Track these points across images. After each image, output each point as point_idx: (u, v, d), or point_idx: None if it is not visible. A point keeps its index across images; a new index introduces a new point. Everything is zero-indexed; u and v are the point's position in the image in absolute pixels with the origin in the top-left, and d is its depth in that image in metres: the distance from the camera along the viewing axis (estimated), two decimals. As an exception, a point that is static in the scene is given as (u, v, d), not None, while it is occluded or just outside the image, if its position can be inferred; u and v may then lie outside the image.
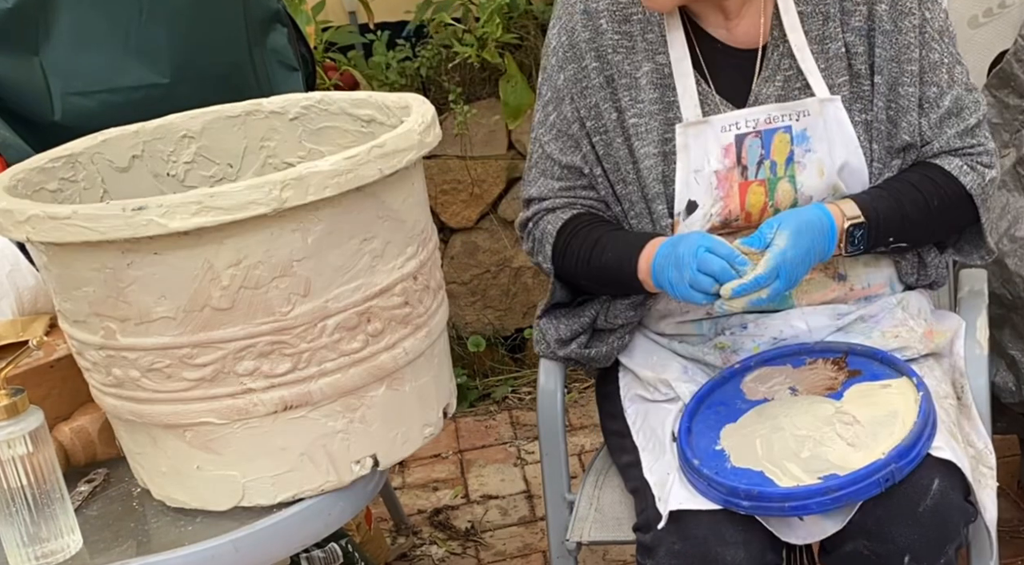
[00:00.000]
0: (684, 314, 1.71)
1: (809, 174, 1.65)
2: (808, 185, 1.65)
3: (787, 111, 1.64)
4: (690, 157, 1.65)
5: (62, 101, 2.02)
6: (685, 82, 1.66)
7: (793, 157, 1.65)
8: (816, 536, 1.49)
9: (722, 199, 1.65)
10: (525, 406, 3.17)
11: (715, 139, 1.65)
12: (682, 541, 1.49)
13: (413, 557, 2.62)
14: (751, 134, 1.65)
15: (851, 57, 1.67)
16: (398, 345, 1.37)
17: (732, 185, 1.65)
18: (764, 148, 1.65)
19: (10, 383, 1.29)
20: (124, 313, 1.25)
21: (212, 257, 1.21)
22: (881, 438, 1.48)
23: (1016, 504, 2.46)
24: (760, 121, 1.65)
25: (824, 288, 1.70)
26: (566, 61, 1.72)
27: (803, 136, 1.65)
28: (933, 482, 1.47)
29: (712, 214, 1.65)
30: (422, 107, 1.42)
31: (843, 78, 1.66)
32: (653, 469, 1.61)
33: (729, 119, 1.65)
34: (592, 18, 1.70)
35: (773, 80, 1.68)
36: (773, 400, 1.61)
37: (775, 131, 1.65)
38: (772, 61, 1.68)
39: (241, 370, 1.27)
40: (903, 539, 1.47)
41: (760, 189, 1.66)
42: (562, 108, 1.73)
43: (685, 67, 1.67)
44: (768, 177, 1.65)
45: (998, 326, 2.05)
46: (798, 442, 1.51)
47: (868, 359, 1.64)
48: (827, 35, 1.66)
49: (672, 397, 1.70)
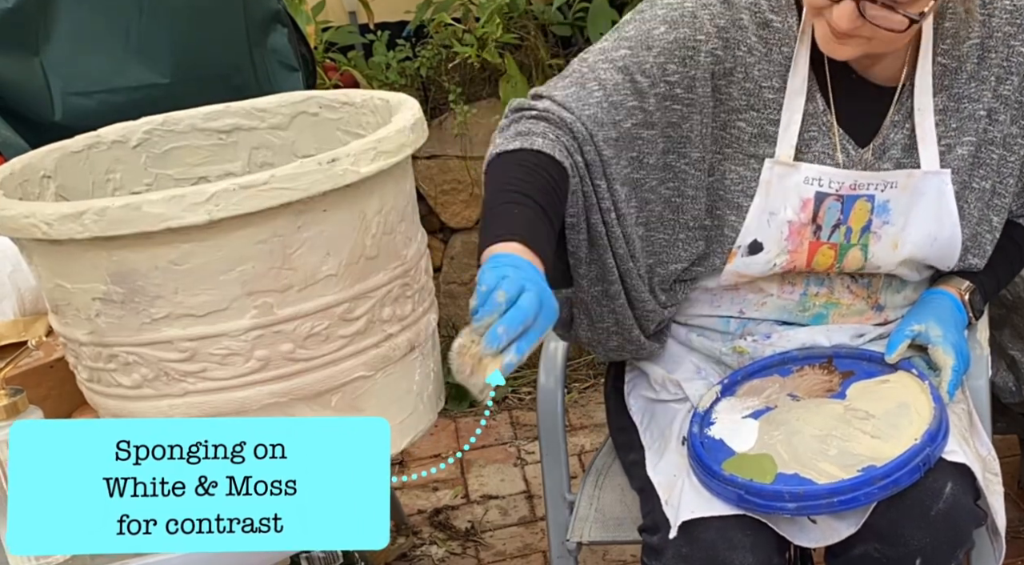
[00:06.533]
0: (716, 306, 1.69)
1: (883, 246, 1.61)
2: (879, 256, 1.62)
3: (875, 180, 1.58)
4: (769, 196, 1.58)
5: (62, 101, 2.03)
6: (792, 115, 1.56)
7: (870, 227, 1.60)
8: (829, 539, 1.49)
9: (789, 252, 1.60)
10: (525, 406, 3.17)
11: (795, 188, 1.58)
12: (690, 545, 1.49)
13: (413, 557, 2.62)
14: (832, 196, 1.59)
15: (990, 122, 1.60)
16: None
17: (803, 242, 1.60)
18: (843, 213, 1.59)
19: (10, 383, 1.29)
20: (287, 282, 1.25)
21: (364, 206, 1.26)
22: (902, 427, 1.49)
23: (1017, 505, 2.46)
24: (845, 185, 1.58)
25: (861, 314, 1.70)
26: (680, 23, 1.53)
27: (884, 208, 1.60)
28: (946, 485, 1.47)
29: (776, 263, 1.61)
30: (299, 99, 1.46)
31: (969, 139, 1.60)
32: (658, 468, 1.61)
33: (815, 172, 1.57)
34: (733, 8, 1.55)
35: (902, 127, 1.60)
36: (777, 408, 1.60)
37: (857, 198, 1.59)
38: (905, 106, 1.59)
39: (385, 316, 1.31)
40: (916, 542, 1.47)
41: (830, 252, 1.61)
42: (642, 55, 1.52)
43: (799, 98, 1.56)
44: (841, 242, 1.61)
45: (998, 326, 2.05)
46: (821, 442, 1.51)
47: (855, 360, 1.65)
48: (968, 94, 1.59)
49: (681, 397, 1.69)
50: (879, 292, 1.68)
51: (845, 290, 1.67)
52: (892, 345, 1.62)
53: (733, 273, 1.62)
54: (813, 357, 1.67)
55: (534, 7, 3.23)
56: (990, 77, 1.59)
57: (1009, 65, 1.59)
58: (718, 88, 1.55)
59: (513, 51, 3.20)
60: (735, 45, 1.54)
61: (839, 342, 1.68)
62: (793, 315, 1.68)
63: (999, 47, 1.58)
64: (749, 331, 1.69)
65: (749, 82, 1.56)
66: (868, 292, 1.68)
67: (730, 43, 1.54)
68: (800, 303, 1.67)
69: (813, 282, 1.66)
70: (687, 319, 1.72)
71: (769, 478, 1.47)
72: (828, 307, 1.68)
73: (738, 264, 1.61)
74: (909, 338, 1.62)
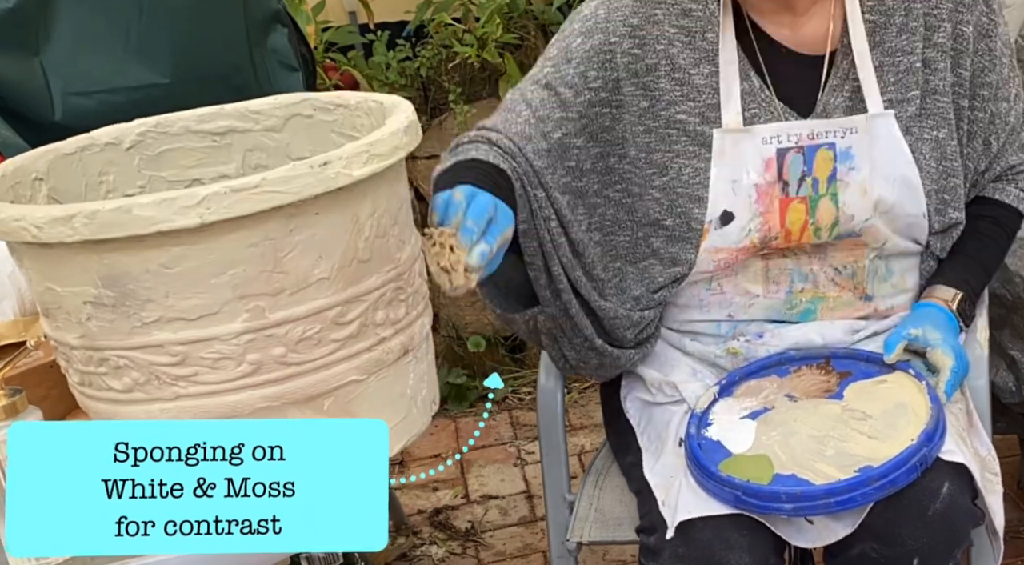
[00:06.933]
0: (705, 312, 1.70)
1: (852, 193, 1.61)
2: (850, 204, 1.62)
3: (832, 127, 1.60)
4: (727, 164, 1.60)
5: (62, 101, 2.03)
6: (730, 86, 1.59)
7: (836, 175, 1.61)
8: (826, 539, 1.49)
9: (761, 214, 1.60)
10: (525, 406, 3.17)
11: (755, 151, 1.59)
12: (686, 545, 1.49)
13: (413, 557, 2.62)
14: (793, 149, 1.60)
15: (930, 73, 1.62)
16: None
17: (772, 201, 1.61)
18: (806, 165, 1.60)
19: (9, 383, 1.29)
20: (279, 285, 1.24)
21: (357, 209, 1.25)
22: (900, 427, 1.49)
23: (1016, 505, 2.46)
24: (803, 136, 1.59)
25: (850, 306, 1.69)
26: (594, 31, 1.60)
27: (847, 154, 1.61)
28: (943, 485, 1.47)
29: (751, 229, 1.61)
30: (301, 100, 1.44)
31: (914, 92, 1.61)
32: (655, 469, 1.61)
33: (771, 131, 1.59)
34: (647, 4, 1.60)
35: (841, 90, 1.62)
36: (775, 408, 1.60)
37: (818, 148, 1.60)
38: (840, 70, 1.62)
39: (378, 319, 1.30)
40: (913, 542, 1.47)
41: (801, 207, 1.61)
42: (563, 68, 1.60)
43: (732, 71, 1.59)
44: (809, 195, 1.61)
45: (998, 326, 2.05)
46: (818, 442, 1.51)
47: (852, 360, 1.65)
48: (900, 47, 1.61)
49: (677, 399, 1.69)
50: (865, 282, 1.68)
51: (830, 283, 1.67)
52: (890, 345, 1.62)
53: (709, 251, 1.62)
54: (810, 357, 1.67)
55: (534, 7, 3.23)
56: (919, 27, 1.61)
57: (938, 12, 1.62)
58: (646, 86, 1.60)
59: (513, 51, 3.20)
60: (653, 40, 1.59)
61: (833, 339, 1.68)
62: (781, 313, 1.68)
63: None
64: (741, 332, 1.69)
65: (678, 72, 1.60)
66: (854, 282, 1.68)
67: (647, 40, 1.59)
68: (787, 301, 1.67)
69: (797, 277, 1.67)
70: (679, 325, 1.73)
71: (766, 479, 1.47)
72: (815, 302, 1.68)
73: (713, 239, 1.61)
74: (906, 339, 1.62)
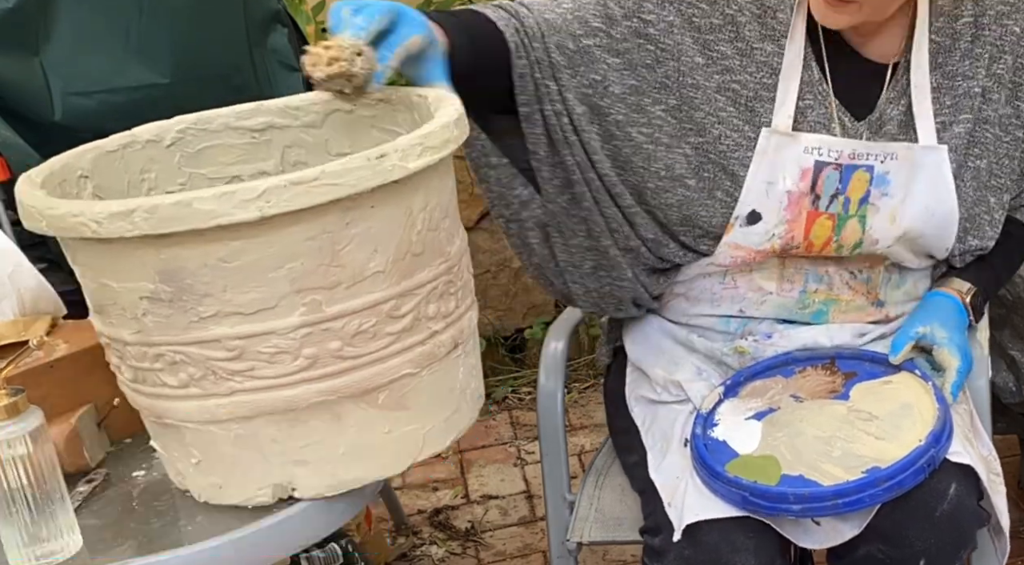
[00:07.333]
0: (716, 306, 1.69)
1: (881, 218, 1.60)
2: (877, 228, 1.61)
3: (874, 150, 1.58)
4: (766, 166, 1.58)
5: (62, 101, 2.03)
6: (789, 83, 1.57)
7: (868, 198, 1.60)
8: (833, 541, 1.49)
9: (788, 222, 1.59)
10: (525, 406, 3.17)
11: (795, 158, 1.58)
12: (692, 547, 1.49)
13: (413, 557, 2.62)
14: (831, 165, 1.58)
15: (983, 102, 1.61)
16: None
17: (801, 211, 1.59)
18: (841, 183, 1.59)
19: (10, 383, 1.29)
20: (336, 278, 1.24)
21: (410, 202, 1.26)
22: (906, 428, 1.49)
23: (1016, 505, 2.46)
24: (844, 154, 1.58)
25: (862, 311, 1.69)
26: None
27: (883, 179, 1.59)
28: (950, 486, 1.47)
29: (775, 234, 1.60)
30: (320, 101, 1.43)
31: (966, 117, 1.60)
32: (660, 469, 1.61)
33: (814, 142, 1.57)
34: None
35: (898, 103, 1.60)
36: (780, 409, 1.60)
37: (856, 168, 1.59)
38: (900, 83, 1.60)
39: (431, 313, 1.31)
40: (920, 543, 1.47)
41: (828, 223, 1.61)
42: (611, 8, 1.55)
43: (796, 65, 1.57)
44: (839, 212, 1.60)
45: (998, 326, 2.05)
46: (825, 443, 1.51)
47: (857, 360, 1.65)
48: (962, 72, 1.60)
49: (682, 399, 1.68)
50: (879, 287, 1.68)
51: (844, 286, 1.67)
52: (896, 346, 1.62)
53: (729, 245, 1.61)
54: (816, 358, 1.66)
55: (534, 7, 3.22)
56: (984, 55, 1.60)
57: (1002, 44, 1.61)
58: (706, 43, 1.56)
59: (513, 51, 3.20)
60: (724, 2, 1.56)
61: (840, 342, 1.68)
62: (793, 313, 1.68)
63: (992, 25, 1.60)
64: (750, 330, 1.69)
65: (740, 41, 1.57)
66: (867, 287, 1.68)
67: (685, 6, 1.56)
68: (800, 300, 1.67)
69: (812, 278, 1.66)
70: (688, 320, 1.72)
71: (774, 480, 1.47)
72: (828, 304, 1.68)
73: (736, 235, 1.60)
74: (913, 340, 1.62)
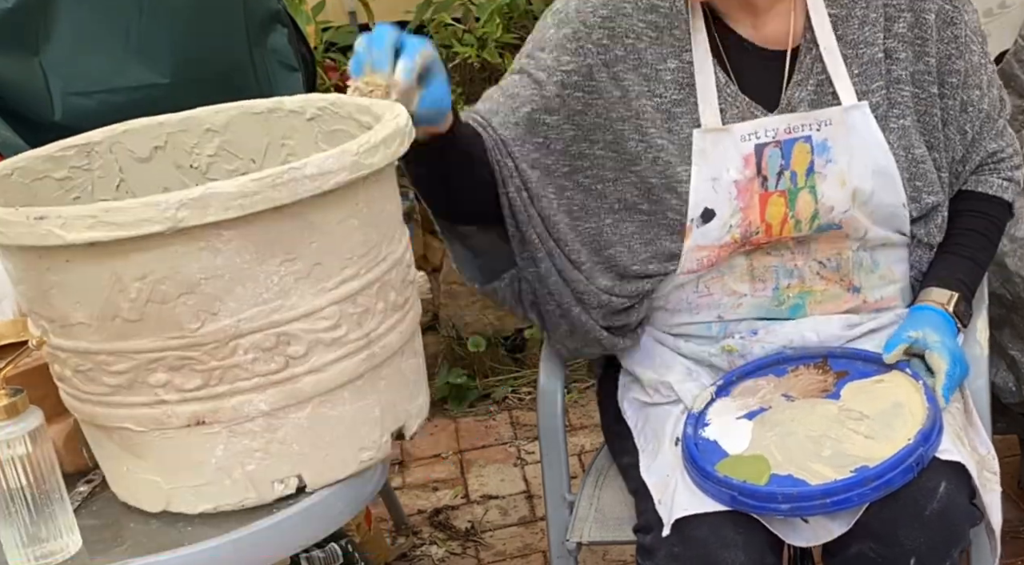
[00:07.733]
0: (694, 314, 1.70)
1: (830, 184, 1.62)
2: (829, 195, 1.63)
3: (808, 121, 1.61)
4: (708, 164, 1.61)
5: (62, 101, 2.03)
6: (706, 85, 1.61)
7: (813, 168, 1.62)
8: (822, 538, 1.49)
9: (742, 210, 1.62)
10: (525, 406, 3.17)
11: (735, 148, 1.61)
12: (682, 544, 1.49)
13: (413, 557, 2.62)
14: (771, 144, 1.61)
15: (891, 63, 1.64)
16: (326, 369, 1.29)
17: (752, 196, 1.62)
18: (784, 158, 1.62)
19: (10, 383, 1.28)
20: (50, 314, 1.26)
21: (119, 269, 1.20)
22: (896, 427, 1.49)
23: (1016, 505, 2.46)
24: (780, 131, 1.61)
25: (838, 299, 1.69)
26: (566, 22, 1.62)
27: (824, 146, 1.62)
28: (940, 485, 1.47)
29: (731, 225, 1.62)
30: (388, 123, 1.31)
31: (878, 83, 1.63)
32: (651, 469, 1.61)
33: (748, 128, 1.61)
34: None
35: (805, 85, 1.63)
36: (772, 408, 1.60)
37: (795, 141, 1.62)
38: (804, 65, 1.64)
39: (153, 381, 1.25)
40: (910, 542, 1.47)
41: (780, 200, 1.63)
42: (537, 55, 1.63)
43: (707, 69, 1.61)
44: (788, 188, 1.62)
45: (998, 326, 2.05)
46: (815, 442, 1.51)
47: (850, 360, 1.65)
48: (863, 39, 1.63)
49: (674, 399, 1.69)
50: (851, 273, 1.69)
51: (816, 276, 1.68)
52: (890, 346, 1.62)
53: (692, 249, 1.63)
54: (808, 357, 1.67)
55: (534, 7, 3.23)
56: (879, 18, 1.63)
57: (898, 3, 1.64)
58: (616, 76, 1.62)
59: (513, 51, 3.19)
60: (622, 33, 1.61)
61: (828, 335, 1.68)
62: (771, 311, 1.69)
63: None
64: (733, 330, 1.70)
65: (644, 67, 1.62)
66: (839, 275, 1.68)
67: (616, 31, 1.61)
68: (774, 298, 1.68)
69: (783, 274, 1.67)
70: (670, 329, 1.73)
71: (763, 479, 1.47)
72: (803, 296, 1.68)
73: (695, 237, 1.62)
74: (907, 343, 1.62)
